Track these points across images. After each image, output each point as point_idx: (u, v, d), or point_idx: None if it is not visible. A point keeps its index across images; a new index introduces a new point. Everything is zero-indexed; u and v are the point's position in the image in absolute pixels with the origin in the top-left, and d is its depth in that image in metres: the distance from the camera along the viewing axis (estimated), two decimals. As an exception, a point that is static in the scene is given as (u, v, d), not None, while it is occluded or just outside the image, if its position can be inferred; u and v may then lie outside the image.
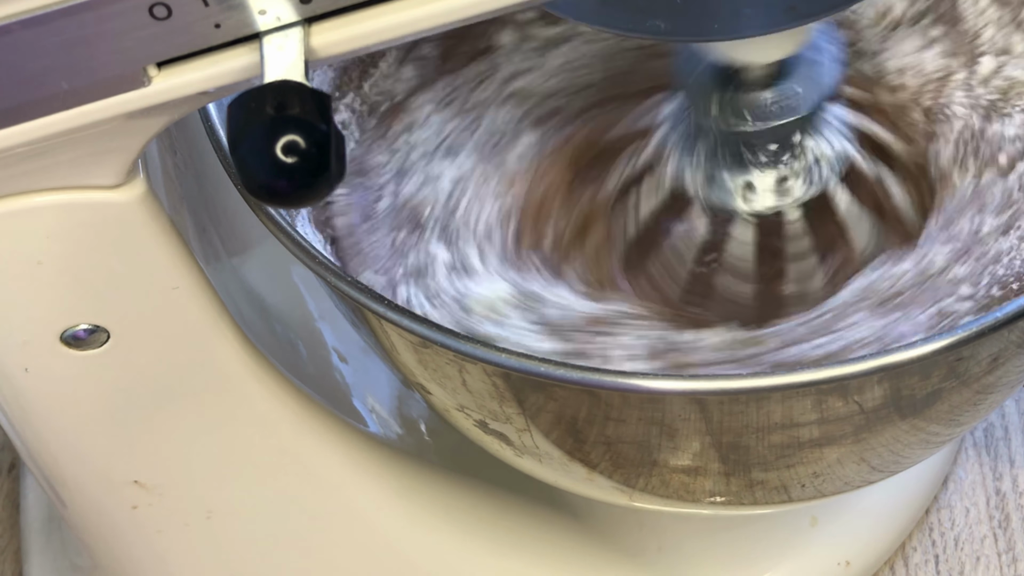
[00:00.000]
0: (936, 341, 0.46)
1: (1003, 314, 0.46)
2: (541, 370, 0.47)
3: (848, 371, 0.46)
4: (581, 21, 0.48)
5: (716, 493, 0.54)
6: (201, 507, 0.58)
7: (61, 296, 0.49)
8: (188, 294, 0.50)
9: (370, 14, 0.40)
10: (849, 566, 0.67)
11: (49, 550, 0.69)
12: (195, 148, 0.61)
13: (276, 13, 0.40)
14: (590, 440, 0.51)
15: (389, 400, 0.67)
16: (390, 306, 0.48)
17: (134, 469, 0.56)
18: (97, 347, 0.51)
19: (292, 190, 0.38)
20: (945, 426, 0.53)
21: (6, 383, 0.52)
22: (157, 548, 0.59)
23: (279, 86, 0.39)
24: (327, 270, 0.49)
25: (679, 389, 0.47)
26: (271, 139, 0.38)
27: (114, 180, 0.46)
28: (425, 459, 0.64)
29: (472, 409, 0.52)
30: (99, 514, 0.58)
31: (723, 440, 0.50)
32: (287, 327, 0.66)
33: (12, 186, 0.45)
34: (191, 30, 0.40)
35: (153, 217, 0.48)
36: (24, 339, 0.50)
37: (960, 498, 0.71)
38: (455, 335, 0.47)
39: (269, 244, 0.52)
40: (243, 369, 0.54)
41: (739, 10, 0.46)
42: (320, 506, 0.60)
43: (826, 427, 0.49)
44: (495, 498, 0.64)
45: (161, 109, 0.42)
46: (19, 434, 0.54)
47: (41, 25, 0.39)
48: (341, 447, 0.59)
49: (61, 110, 0.42)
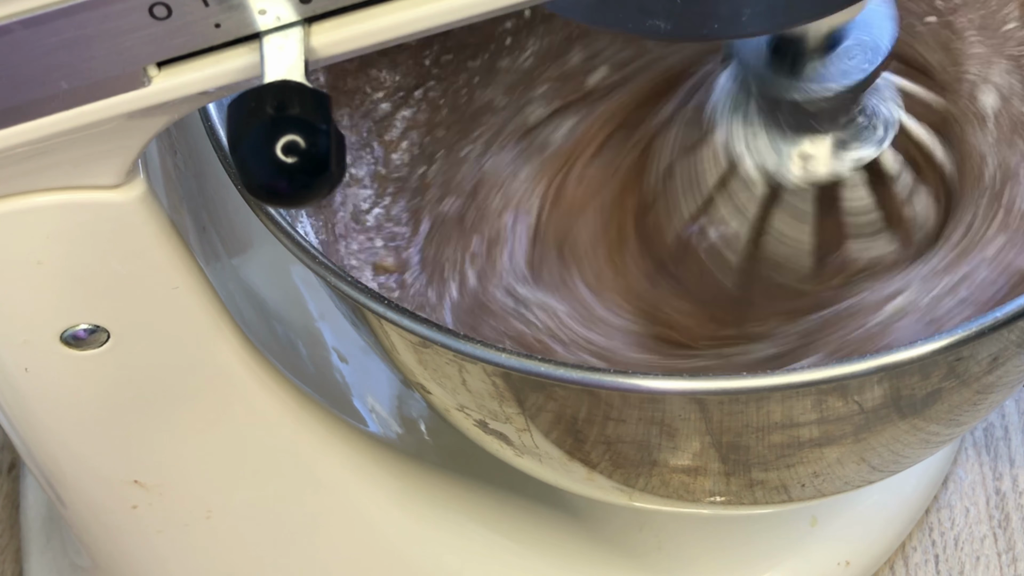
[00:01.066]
0: (936, 341, 0.46)
1: (1003, 314, 0.46)
2: (541, 370, 0.47)
3: (848, 371, 0.46)
4: (581, 21, 0.48)
5: (716, 493, 0.54)
6: (201, 507, 0.58)
7: (61, 296, 0.49)
8: (188, 294, 0.50)
9: (370, 14, 0.40)
10: (849, 566, 0.67)
11: (49, 550, 0.69)
12: (195, 148, 0.61)
13: (276, 13, 0.40)
14: (590, 440, 0.51)
15: (389, 400, 0.67)
16: (390, 306, 0.48)
17: (134, 469, 0.56)
18: (97, 347, 0.51)
19: (292, 190, 0.38)
20: (945, 426, 0.53)
21: (6, 383, 0.52)
22: (157, 548, 0.59)
23: (279, 86, 0.39)
24: (327, 270, 0.49)
25: (679, 389, 0.47)
26: (271, 139, 0.38)
27: (114, 180, 0.46)
28: (425, 459, 0.64)
29: (472, 409, 0.52)
30: (99, 514, 0.58)
31: (723, 440, 0.50)
32: (287, 327, 0.66)
33: (12, 186, 0.45)
34: (191, 30, 0.40)
35: (153, 217, 0.48)
36: (24, 339, 0.50)
37: (960, 498, 0.71)
38: (455, 335, 0.47)
39: (269, 244, 0.52)
40: (243, 369, 0.54)
41: (740, 10, 0.45)
42: (320, 506, 0.60)
43: (826, 427, 0.49)
44: (495, 498, 0.64)
45: (161, 109, 0.42)
46: (19, 434, 0.54)
47: (41, 25, 0.39)
48: (341, 447, 0.59)
49: (61, 110, 0.42)
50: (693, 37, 0.47)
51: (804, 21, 0.47)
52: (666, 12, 0.45)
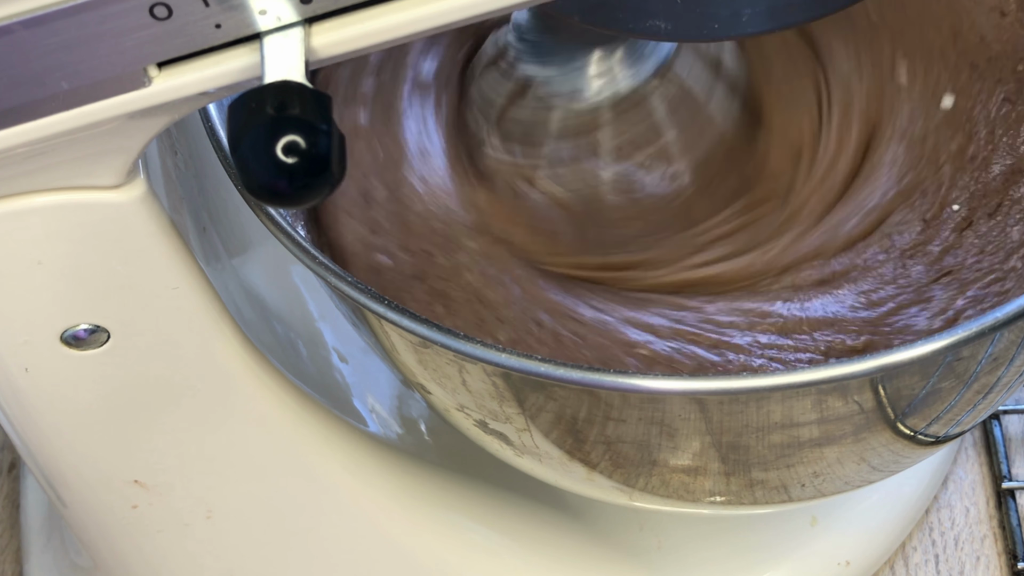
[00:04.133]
0: (936, 341, 0.46)
1: (1003, 314, 0.46)
2: (541, 370, 0.47)
3: (848, 371, 0.46)
4: (581, 21, 0.48)
5: (716, 493, 0.54)
6: (201, 507, 0.58)
7: (61, 296, 0.49)
8: (188, 294, 0.50)
9: (370, 14, 0.40)
10: (849, 566, 0.67)
11: (49, 550, 0.69)
12: (195, 148, 0.61)
13: (276, 13, 0.40)
14: (590, 440, 0.51)
15: (389, 400, 0.67)
16: (390, 306, 0.48)
17: (134, 469, 0.56)
18: (97, 347, 0.51)
19: (292, 190, 0.38)
20: (945, 426, 0.53)
21: (6, 383, 0.52)
22: (157, 548, 0.59)
23: (279, 86, 0.39)
24: (327, 270, 0.49)
25: (679, 389, 0.47)
26: (271, 139, 0.38)
27: (114, 180, 0.46)
28: (425, 459, 0.64)
29: (472, 409, 0.52)
30: (99, 514, 0.58)
31: (723, 440, 0.50)
32: (287, 327, 0.66)
33: (12, 186, 0.45)
34: (191, 30, 0.40)
35: (153, 217, 0.48)
36: (24, 339, 0.50)
37: (960, 498, 0.71)
38: (455, 335, 0.47)
39: (269, 244, 0.52)
40: (243, 369, 0.54)
41: (740, 10, 0.46)
42: (320, 506, 0.60)
43: (826, 427, 0.49)
44: (495, 498, 0.64)
45: (161, 109, 0.42)
46: (19, 434, 0.55)
47: (41, 25, 0.39)
48: (341, 447, 0.59)
49: (61, 110, 0.42)
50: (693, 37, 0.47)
51: (804, 21, 0.47)
52: (666, 12, 0.45)
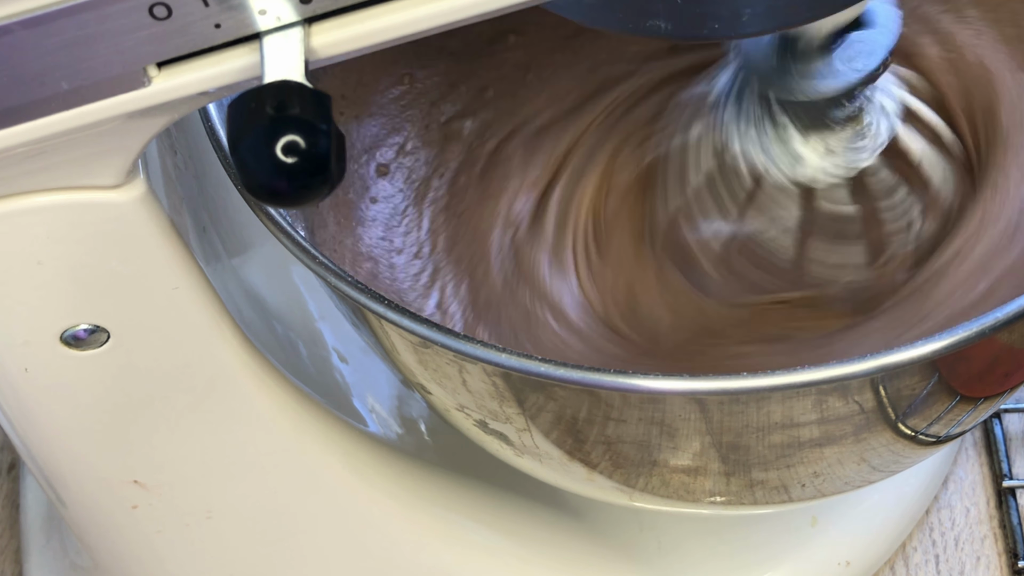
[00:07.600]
0: (936, 341, 0.46)
1: (1003, 314, 0.46)
2: (541, 370, 0.47)
3: (848, 371, 0.46)
4: (581, 21, 0.48)
5: (716, 493, 0.54)
6: (201, 507, 0.58)
7: (61, 296, 0.49)
8: (188, 294, 0.50)
9: (370, 14, 0.40)
10: (849, 566, 0.67)
11: (49, 550, 0.69)
12: (195, 148, 0.61)
13: (276, 13, 0.40)
14: (590, 440, 0.51)
15: (389, 400, 0.67)
16: (390, 306, 0.48)
17: (134, 469, 0.56)
18: (97, 347, 0.51)
19: (292, 190, 0.38)
20: (946, 426, 0.53)
21: (6, 383, 0.52)
22: (157, 548, 0.59)
23: (279, 86, 0.39)
24: (327, 270, 0.49)
25: (679, 389, 0.47)
26: (271, 139, 0.38)
27: (114, 180, 0.46)
28: (425, 459, 0.64)
29: (472, 409, 0.52)
30: (99, 514, 0.58)
31: (723, 440, 0.50)
32: (287, 327, 0.66)
33: (12, 186, 0.45)
34: (191, 30, 0.40)
35: (153, 217, 0.48)
36: (24, 339, 0.50)
37: (960, 498, 0.71)
38: (455, 335, 0.47)
39: (269, 244, 0.52)
40: (243, 369, 0.54)
41: (740, 10, 0.45)
42: (320, 506, 0.60)
43: (826, 427, 0.49)
44: (495, 498, 0.64)
45: (161, 109, 0.42)
46: (19, 434, 0.54)
47: (41, 25, 0.39)
48: (341, 447, 0.59)
49: (61, 110, 0.42)
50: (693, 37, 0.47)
51: (804, 22, 0.47)
52: (666, 12, 0.45)
